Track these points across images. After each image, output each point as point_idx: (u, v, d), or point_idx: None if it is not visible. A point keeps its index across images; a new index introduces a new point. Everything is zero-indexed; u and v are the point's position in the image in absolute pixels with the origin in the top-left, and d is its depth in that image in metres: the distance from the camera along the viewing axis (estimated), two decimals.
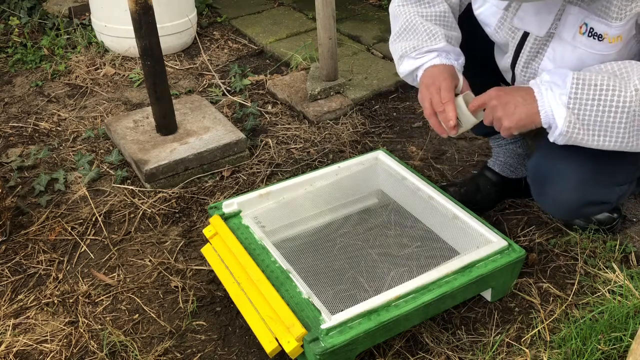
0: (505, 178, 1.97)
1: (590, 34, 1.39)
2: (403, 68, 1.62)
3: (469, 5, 1.68)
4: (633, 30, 1.37)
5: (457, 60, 1.59)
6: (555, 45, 1.47)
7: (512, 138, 1.95)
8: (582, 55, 1.43)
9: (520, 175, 1.97)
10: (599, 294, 1.65)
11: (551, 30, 1.46)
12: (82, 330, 1.63)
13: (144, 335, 1.62)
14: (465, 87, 1.57)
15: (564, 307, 1.62)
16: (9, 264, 1.86)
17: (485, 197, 1.96)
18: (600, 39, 1.38)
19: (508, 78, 1.70)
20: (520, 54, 1.55)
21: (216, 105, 2.65)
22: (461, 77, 1.57)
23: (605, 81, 1.32)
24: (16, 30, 3.30)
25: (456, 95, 1.52)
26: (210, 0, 3.69)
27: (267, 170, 2.23)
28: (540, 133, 1.51)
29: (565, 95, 1.34)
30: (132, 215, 2.04)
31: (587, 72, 1.36)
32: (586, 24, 1.39)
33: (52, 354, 1.57)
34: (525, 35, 1.52)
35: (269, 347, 1.40)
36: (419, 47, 1.56)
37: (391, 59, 2.96)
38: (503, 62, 1.66)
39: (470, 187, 1.97)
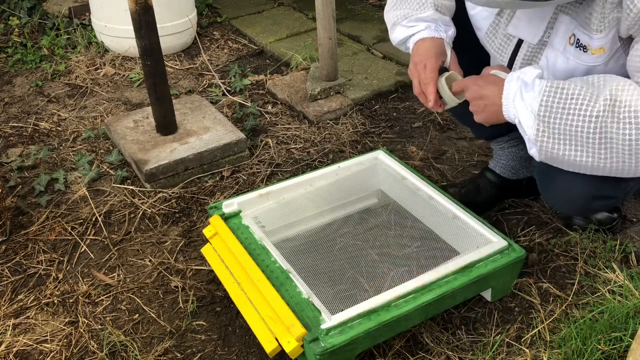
0: (506, 179, 1.96)
1: (577, 45, 1.41)
2: (395, 35, 1.68)
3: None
4: (617, 43, 1.36)
5: (447, 32, 1.61)
6: (548, 54, 1.48)
7: (515, 141, 1.94)
8: (572, 65, 1.45)
9: (521, 177, 1.96)
10: (599, 294, 1.65)
11: (544, 39, 1.47)
12: (82, 330, 1.63)
13: (144, 335, 1.63)
14: (453, 62, 1.60)
15: (564, 307, 1.62)
16: (9, 264, 1.86)
17: (486, 197, 1.95)
18: (584, 50, 1.40)
19: None
20: (515, 62, 1.56)
21: (216, 105, 2.65)
22: (449, 52, 1.59)
23: (577, 90, 1.31)
24: (16, 30, 3.31)
25: (445, 70, 1.57)
26: (210, 0, 3.69)
27: (267, 170, 2.23)
28: None
29: (536, 101, 1.33)
30: (132, 215, 2.04)
31: (560, 80, 1.35)
32: (574, 35, 1.40)
33: (52, 354, 1.57)
34: (520, 42, 1.53)
35: (269, 347, 1.40)
36: (409, 15, 1.61)
37: (391, 59, 2.96)
38: None
39: (470, 187, 1.97)
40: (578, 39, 1.39)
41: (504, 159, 1.96)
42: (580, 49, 1.40)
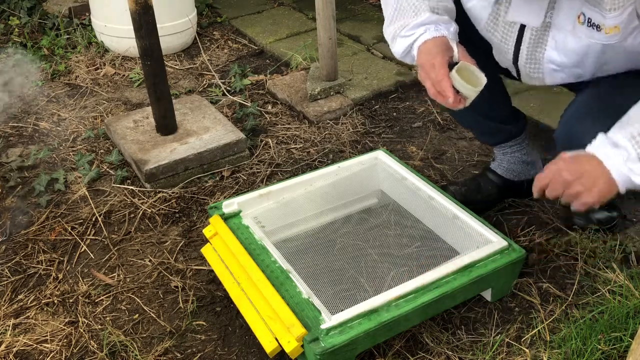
0: (508, 180, 1.96)
1: (589, 24, 1.36)
2: (396, 48, 1.61)
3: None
4: (635, 21, 1.32)
5: (449, 29, 1.53)
6: (555, 35, 1.45)
7: (518, 146, 1.93)
8: (585, 44, 1.41)
9: (523, 179, 1.96)
10: (599, 294, 1.65)
11: (547, 20, 1.43)
12: (82, 330, 1.63)
13: (144, 335, 1.63)
14: (462, 54, 1.50)
15: (564, 307, 1.62)
16: (9, 264, 1.86)
17: (486, 197, 1.95)
18: (598, 29, 1.35)
19: (514, 73, 1.68)
20: (521, 48, 1.53)
21: (216, 105, 2.65)
22: (454, 46, 1.51)
23: None
24: (16, 30, 3.30)
25: (455, 64, 1.47)
26: (210, 0, 3.69)
27: (267, 170, 2.23)
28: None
29: (636, 159, 1.27)
30: (132, 215, 2.04)
31: (623, 124, 1.30)
32: (584, 14, 1.36)
33: (52, 354, 1.57)
34: (522, 28, 1.50)
35: (269, 347, 1.40)
36: (406, 25, 1.55)
37: (391, 59, 2.96)
38: (504, 59, 1.64)
39: (471, 186, 1.96)
40: (589, 18, 1.35)
41: (505, 163, 1.95)
42: (593, 28, 1.36)
